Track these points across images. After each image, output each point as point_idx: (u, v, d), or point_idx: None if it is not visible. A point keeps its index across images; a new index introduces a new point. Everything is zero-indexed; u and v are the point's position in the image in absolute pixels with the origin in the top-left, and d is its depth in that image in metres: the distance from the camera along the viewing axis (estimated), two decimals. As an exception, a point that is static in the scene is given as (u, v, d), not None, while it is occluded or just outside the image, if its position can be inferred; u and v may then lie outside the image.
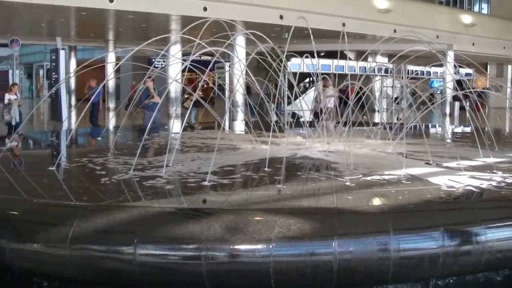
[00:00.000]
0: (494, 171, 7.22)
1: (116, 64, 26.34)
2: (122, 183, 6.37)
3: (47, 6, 20.20)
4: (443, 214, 5.04)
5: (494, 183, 6.44)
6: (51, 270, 4.71)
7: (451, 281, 4.93)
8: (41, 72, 57.73)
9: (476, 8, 41.51)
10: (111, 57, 29.91)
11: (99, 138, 10.93)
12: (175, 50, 20.45)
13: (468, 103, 17.47)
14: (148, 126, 8.87)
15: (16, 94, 16.50)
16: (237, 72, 10.69)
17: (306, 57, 10.84)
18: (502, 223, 5.03)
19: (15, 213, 4.97)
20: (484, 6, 42.32)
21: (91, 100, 16.64)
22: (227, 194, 5.87)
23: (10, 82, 21.85)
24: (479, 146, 8.57)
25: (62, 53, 21.72)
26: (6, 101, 16.31)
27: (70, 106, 32.13)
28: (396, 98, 23.75)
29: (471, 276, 5.03)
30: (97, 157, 8.12)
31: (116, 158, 8.21)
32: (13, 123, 15.92)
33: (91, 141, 11.82)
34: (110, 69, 26.40)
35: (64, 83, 21.06)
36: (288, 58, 17.54)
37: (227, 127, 12.61)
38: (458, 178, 6.72)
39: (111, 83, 31.45)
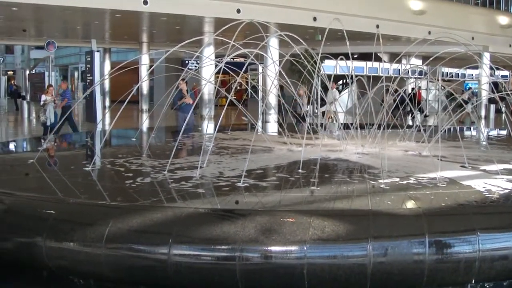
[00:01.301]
0: (530, 175, 7.11)
1: (150, 66, 26.53)
2: (156, 184, 6.42)
3: (82, 9, 20.50)
4: (479, 218, 4.98)
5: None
6: (86, 268, 4.77)
7: (487, 286, 4.86)
8: (76, 74, 58.57)
9: (513, 9, 40.88)
10: (144, 59, 30.16)
11: (133, 139, 11.03)
12: (209, 52, 20.56)
13: (504, 105, 17.23)
14: (182, 127, 8.93)
15: (52, 95, 16.75)
16: (271, 74, 10.68)
17: (341, 59, 10.79)
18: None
19: (52, 212, 5.04)
20: (521, 7, 41.65)
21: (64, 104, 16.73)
22: (261, 196, 5.87)
23: (46, 84, 22.17)
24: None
25: (97, 55, 22.03)
26: (41, 102, 16.58)
27: (104, 107, 32.50)
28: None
29: (508, 282, 4.95)
30: (132, 158, 8.20)
31: (150, 159, 8.28)
32: (48, 123, 16.17)
33: (126, 142, 11.93)
34: (144, 71, 26.64)
35: (99, 85, 21.29)
36: (322, 60, 17.52)
37: (260, 129, 12.62)
38: (494, 181, 6.63)
39: (145, 85, 31.72)
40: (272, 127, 14.71)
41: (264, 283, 4.44)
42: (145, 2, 20.60)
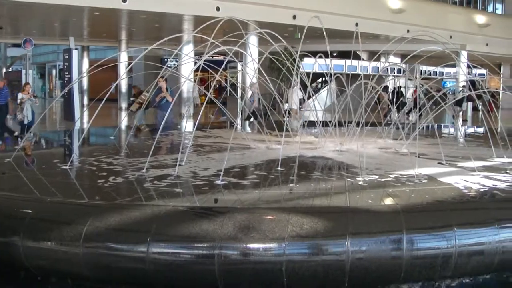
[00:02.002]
0: (507, 171, 7.19)
1: (129, 64, 26.41)
2: (134, 182, 6.39)
3: (61, 6, 20.34)
4: (456, 214, 5.03)
5: (507, 183, 6.41)
6: (64, 268, 4.74)
7: (464, 281, 4.91)
8: (53, 72, 58.07)
9: (490, 8, 41.30)
10: (123, 57, 30.00)
11: (112, 138, 10.97)
12: (188, 50, 20.52)
13: (481, 103, 17.40)
14: (161, 125, 8.89)
15: (29, 93, 16.58)
16: (250, 72, 10.69)
17: (320, 57, 10.82)
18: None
19: (29, 211, 4.99)
20: (498, 6, 42.09)
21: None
22: (240, 193, 5.87)
23: (23, 82, 21.95)
24: (492, 147, 8.52)
25: (75, 53, 21.84)
26: (18, 101, 16.42)
27: (82, 106, 32.28)
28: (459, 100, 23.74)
29: (484, 277, 5.01)
30: (110, 157, 8.16)
31: (128, 157, 8.24)
32: (26, 122, 16.03)
33: (104, 140, 11.86)
34: (122, 69, 26.50)
35: (77, 83, 21.14)
36: (301, 58, 17.55)
37: (239, 127, 12.62)
38: (471, 178, 6.70)
39: (123, 83, 31.55)
40: (252, 125, 14.71)
41: (243, 281, 4.45)
42: (124, 0, 20.49)
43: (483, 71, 34.03)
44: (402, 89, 25.77)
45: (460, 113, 23.37)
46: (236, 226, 4.40)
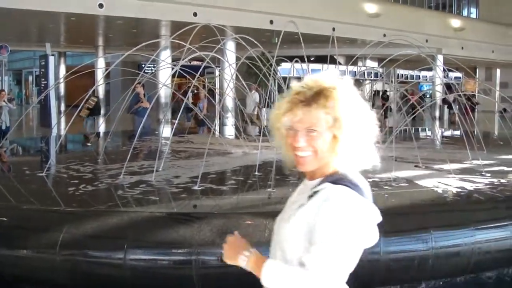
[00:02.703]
0: (482, 173, 7.27)
1: (106, 70, 26.22)
2: (111, 188, 6.35)
3: (37, 12, 20.14)
4: (432, 216, 5.08)
5: (482, 185, 6.48)
6: (40, 276, 4.69)
7: (441, 283, 4.95)
8: (30, 78, 57.49)
9: (465, 13, 41.75)
10: (100, 63, 29.82)
11: (89, 144, 10.90)
12: (165, 56, 20.46)
13: (457, 106, 17.56)
14: (138, 131, 8.86)
15: (4, 101, 16.40)
16: (227, 77, 10.69)
17: (296, 61, 10.86)
18: (491, 224, 5.06)
19: (4, 219, 4.94)
20: (473, 10, 42.56)
21: None
22: (217, 199, 5.87)
23: (-1, 89, 21.71)
24: (468, 149, 8.61)
25: (51, 59, 21.67)
26: None
27: (59, 112, 32.00)
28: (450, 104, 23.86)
29: (461, 278, 5.05)
30: (87, 163, 8.10)
31: (106, 163, 8.20)
32: (3, 127, 15.86)
33: (81, 147, 11.78)
34: (99, 75, 26.33)
35: (54, 89, 20.97)
36: (278, 62, 17.57)
37: (217, 132, 12.61)
38: (447, 180, 6.76)
39: (101, 89, 31.35)
40: (230, 130, 14.70)
41: (221, 286, 4.44)
42: (101, 6, 20.36)
43: (459, 74, 34.37)
44: (389, 93, 25.95)
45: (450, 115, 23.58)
46: (213, 232, 4.40)
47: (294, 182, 6.90)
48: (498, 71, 47.58)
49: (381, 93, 25.91)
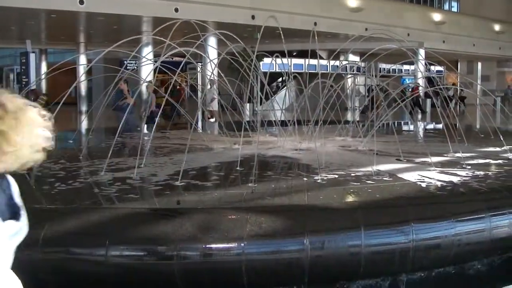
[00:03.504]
0: (463, 166, 7.33)
1: (87, 67, 26.06)
2: (93, 185, 6.33)
3: (17, 9, 19.97)
4: (413, 209, 5.11)
5: (463, 178, 6.54)
6: (22, 273, 4.65)
7: (422, 274, 4.99)
8: (11, 75, 56.94)
9: (446, 6, 41.93)
10: (82, 60, 29.64)
11: (70, 141, 10.84)
12: (147, 52, 20.37)
13: (439, 99, 17.63)
14: (119, 127, 8.82)
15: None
16: (209, 73, 10.68)
17: (277, 56, 10.87)
18: (471, 216, 5.11)
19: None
20: (454, 4, 42.74)
21: None
22: (199, 194, 5.87)
23: (-20, 87, 21.45)
24: (449, 142, 8.67)
25: (32, 56, 21.53)
26: None
27: (41, 109, 31.60)
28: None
29: (442, 269, 5.10)
30: (69, 160, 8.06)
31: (88, 160, 8.16)
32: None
33: (63, 144, 11.71)
34: (81, 72, 26.16)
35: (35, 86, 20.80)
36: (260, 58, 17.54)
37: (200, 128, 12.60)
38: (428, 173, 6.81)
39: (83, 86, 31.17)
40: (212, 126, 14.69)
41: (203, 281, 4.45)
42: (81, 2, 20.24)
43: (440, 68, 34.57)
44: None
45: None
46: (195, 227, 4.41)
47: (276, 176, 6.93)
48: (479, 64, 47.94)
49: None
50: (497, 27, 39.28)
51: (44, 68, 38.73)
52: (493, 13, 41.84)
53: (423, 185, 6.22)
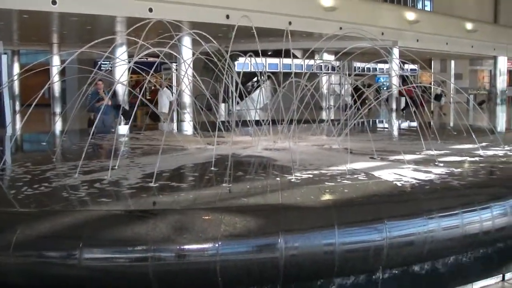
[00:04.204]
0: (436, 163, 7.40)
1: (60, 67, 25.84)
2: (67, 187, 6.27)
3: (-13, 10, 19.77)
4: (386, 207, 5.16)
5: (436, 175, 6.60)
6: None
7: (397, 271, 5.03)
8: (-17, 77, 56.29)
9: (420, 5, 42.35)
10: (55, 60, 29.37)
11: (44, 143, 10.74)
12: (121, 52, 20.27)
13: (412, 98, 17.79)
14: (93, 128, 8.77)
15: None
16: (184, 73, 10.64)
17: (250, 56, 10.88)
18: (444, 213, 5.16)
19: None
20: (427, 3, 43.22)
21: None
22: (173, 195, 5.84)
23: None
24: (422, 140, 8.75)
25: (4, 58, 21.18)
26: None
27: (14, 111, 31.43)
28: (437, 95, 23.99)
29: (416, 266, 5.15)
30: (42, 162, 7.98)
31: (61, 162, 8.09)
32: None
33: (36, 146, 11.59)
34: (55, 73, 25.94)
35: (7, 88, 20.56)
36: (235, 57, 17.53)
37: (174, 129, 12.56)
38: (401, 171, 6.86)
39: (56, 87, 30.92)
40: (187, 126, 14.66)
41: (178, 282, 4.44)
42: (54, 2, 20.07)
43: (414, 66, 34.90)
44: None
45: (440, 107, 23.92)
46: (168, 228, 4.39)
47: (251, 175, 6.94)
48: (453, 62, 48.52)
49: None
50: (469, 26, 39.75)
51: (16, 69, 38.38)
52: (465, 12, 42.46)
53: (397, 183, 6.26)
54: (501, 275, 5.18)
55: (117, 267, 4.35)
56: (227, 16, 23.25)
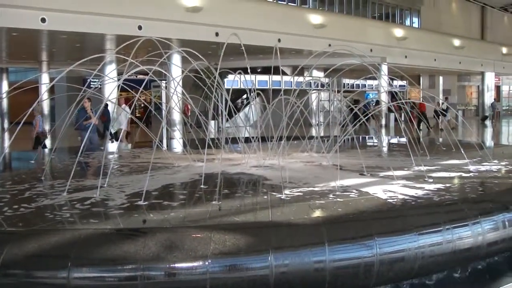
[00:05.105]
0: (425, 179, 7.42)
1: (49, 85, 25.77)
2: (55, 206, 6.23)
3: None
4: (376, 223, 5.15)
5: (425, 191, 6.61)
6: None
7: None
8: (-28, 95, 56.07)
9: (408, 22, 42.67)
10: (44, 78, 29.32)
11: (32, 161, 10.68)
12: (111, 70, 20.27)
13: (402, 114, 17.87)
14: (81, 146, 8.73)
15: None
16: (173, 91, 10.64)
17: (239, 73, 10.90)
18: (433, 229, 5.17)
19: None
20: (415, 20, 43.53)
21: None
22: (163, 213, 5.81)
23: None
24: (411, 156, 8.77)
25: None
26: None
27: (2, 129, 31.32)
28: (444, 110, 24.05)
29: (407, 282, 5.15)
30: (30, 181, 7.93)
31: (50, 180, 8.04)
32: None
33: (25, 165, 11.52)
34: (43, 91, 25.90)
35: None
36: (225, 75, 17.56)
37: (164, 146, 12.53)
38: (391, 187, 6.87)
39: (45, 104, 30.84)
40: (177, 144, 14.64)
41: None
42: (43, 20, 20.05)
43: (403, 83, 35.08)
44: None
45: (445, 122, 23.99)
46: (158, 246, 4.37)
47: (240, 193, 6.92)
48: (441, 78, 48.83)
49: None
50: (456, 43, 40.08)
51: (5, 87, 38.27)
52: (452, 29, 42.89)
53: (386, 199, 6.26)
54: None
55: (107, 286, 4.31)
56: (217, 34, 23.32)
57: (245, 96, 31.46)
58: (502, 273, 5.76)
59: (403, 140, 15.69)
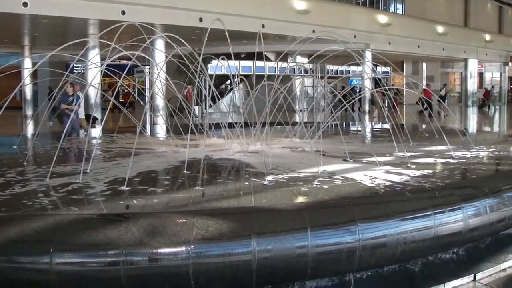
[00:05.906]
0: (408, 165, 7.46)
1: (31, 70, 25.54)
2: (38, 191, 6.20)
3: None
4: (358, 209, 5.18)
5: (407, 177, 6.66)
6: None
7: (370, 273, 5.06)
8: (-47, 80, 55.48)
9: (392, 8, 42.67)
10: (27, 63, 29.03)
11: (14, 146, 10.60)
12: (94, 55, 20.10)
13: (386, 100, 17.95)
14: (64, 131, 8.68)
15: None
16: (156, 76, 10.59)
17: (223, 59, 10.87)
18: (415, 214, 5.20)
19: None
20: (399, 6, 43.52)
21: None
22: (146, 198, 5.81)
23: None
24: (394, 142, 8.82)
25: (-26, 60, 20.97)
26: None
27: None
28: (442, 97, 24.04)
29: (389, 268, 5.19)
30: (12, 166, 7.88)
31: (32, 166, 7.99)
32: None
33: (7, 150, 11.44)
34: (26, 75, 25.67)
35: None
36: (208, 60, 17.50)
37: (148, 132, 12.49)
38: (373, 173, 6.91)
39: (28, 89, 30.57)
40: (160, 129, 14.59)
41: (150, 286, 4.41)
42: (25, 4, 19.82)
43: (387, 69, 35.17)
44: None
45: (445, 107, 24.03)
46: (141, 232, 4.36)
47: (223, 179, 6.93)
48: (424, 65, 49.00)
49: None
50: (440, 29, 40.18)
51: (-13, 72, 37.80)
52: (436, 16, 42.94)
53: (369, 184, 6.30)
54: (472, 275, 5.23)
55: (89, 271, 4.31)
56: (200, 19, 23.18)
57: (228, 81, 31.39)
58: (484, 258, 5.82)
59: (386, 126, 15.77)
